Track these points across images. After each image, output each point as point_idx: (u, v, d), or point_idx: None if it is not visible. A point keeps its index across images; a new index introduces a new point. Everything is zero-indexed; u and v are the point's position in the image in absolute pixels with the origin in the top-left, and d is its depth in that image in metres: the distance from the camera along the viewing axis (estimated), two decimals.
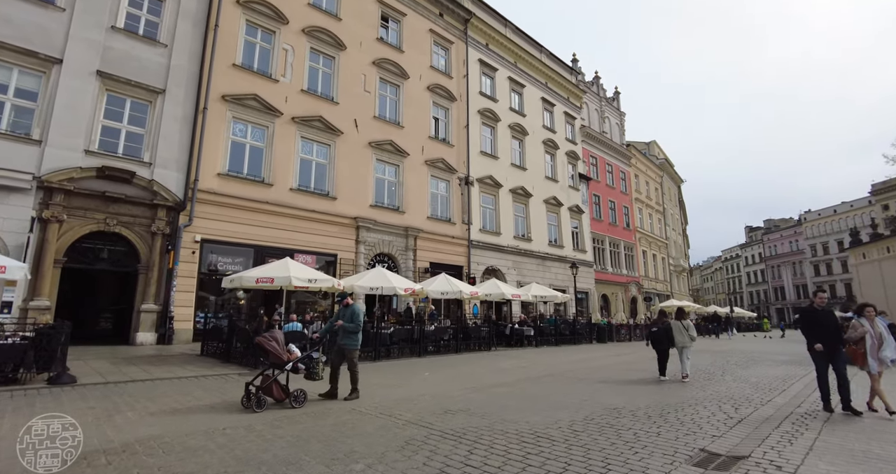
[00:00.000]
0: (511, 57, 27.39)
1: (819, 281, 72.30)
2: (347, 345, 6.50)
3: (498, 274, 23.62)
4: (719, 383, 7.70)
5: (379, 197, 19.14)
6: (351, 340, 6.53)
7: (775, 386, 7.28)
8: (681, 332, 9.12)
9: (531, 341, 16.28)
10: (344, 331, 6.56)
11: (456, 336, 13.09)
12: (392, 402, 5.83)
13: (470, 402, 5.84)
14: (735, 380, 7.94)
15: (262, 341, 5.85)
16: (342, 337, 6.59)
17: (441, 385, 7.25)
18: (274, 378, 5.69)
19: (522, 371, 9.13)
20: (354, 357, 6.55)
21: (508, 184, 25.24)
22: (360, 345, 6.68)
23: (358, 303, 6.88)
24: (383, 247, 18.74)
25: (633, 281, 35.42)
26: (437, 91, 22.24)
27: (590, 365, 10.31)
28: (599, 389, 7.02)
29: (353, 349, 6.52)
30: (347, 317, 6.63)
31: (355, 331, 6.56)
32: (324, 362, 6.30)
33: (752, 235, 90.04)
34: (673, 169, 50.40)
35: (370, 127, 19.20)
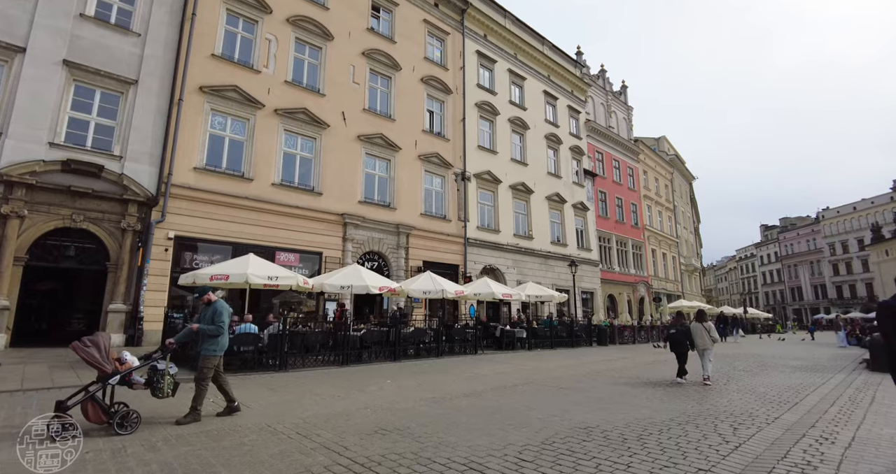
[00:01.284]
0: (511, 49, 26.44)
1: (838, 281, 70.04)
2: (204, 351, 5.34)
3: (496, 273, 22.69)
4: (720, 394, 6.73)
5: (369, 193, 18.33)
6: (209, 345, 5.34)
7: (786, 398, 6.31)
8: (702, 335, 8.94)
9: (524, 344, 15.31)
10: (203, 335, 5.38)
11: (437, 338, 12.20)
12: (321, 418, 4.98)
13: (415, 418, 4.97)
14: (739, 391, 6.95)
15: (76, 347, 4.60)
16: (201, 341, 5.41)
17: (396, 395, 6.39)
18: (91, 394, 4.46)
19: (500, 378, 8.22)
20: (208, 366, 5.30)
21: (508, 180, 24.29)
22: (221, 351, 5.43)
23: (221, 302, 5.59)
24: (373, 245, 17.92)
25: (641, 280, 34.19)
26: (431, 83, 21.39)
27: (578, 372, 9.35)
28: (578, 401, 6.10)
29: (209, 356, 5.32)
30: (208, 318, 5.42)
31: (215, 334, 5.34)
32: (173, 374, 5.01)
33: (767, 234, 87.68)
34: (684, 165, 48.93)
35: (359, 120, 18.42)
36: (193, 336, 5.49)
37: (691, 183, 51.28)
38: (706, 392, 6.79)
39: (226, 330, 5.43)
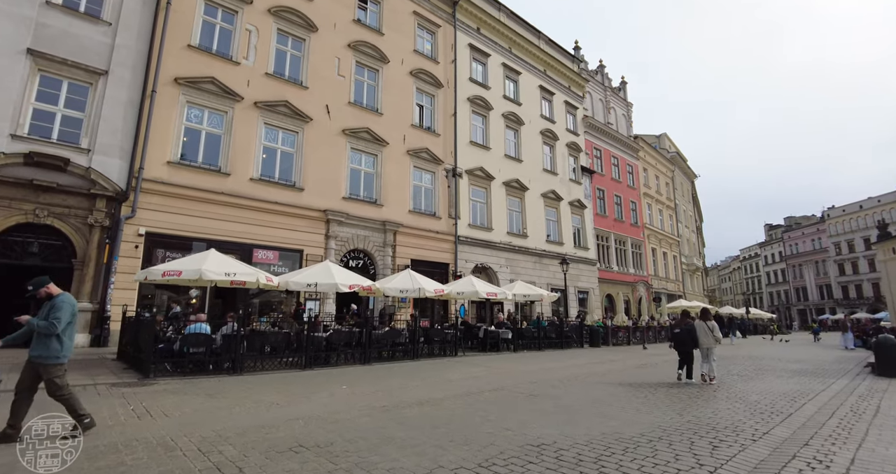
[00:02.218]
0: (505, 42, 25.80)
1: (844, 281, 68.94)
2: (37, 357, 4.25)
3: (489, 272, 22.06)
4: (706, 402, 6.08)
5: (354, 188, 17.74)
6: (43, 350, 4.26)
7: (779, 408, 5.66)
8: (706, 334, 8.92)
9: (510, 345, 14.64)
10: (36, 336, 4.30)
11: (413, 340, 11.56)
12: (238, 431, 4.36)
13: (346, 432, 4.35)
14: (729, 398, 6.29)
15: None
16: (34, 344, 4.32)
17: (344, 403, 5.77)
18: None
19: (469, 383, 7.57)
20: (55, 375, 4.25)
21: (501, 177, 23.65)
22: (63, 358, 4.36)
23: (65, 295, 4.51)
24: (358, 243, 17.33)
25: (640, 280, 33.46)
26: (421, 76, 20.78)
27: (557, 376, 8.68)
28: (544, 410, 5.46)
29: (48, 364, 4.25)
30: (44, 314, 4.35)
31: (49, 333, 4.24)
32: None
33: (772, 233, 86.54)
34: (686, 163, 48.12)
35: (344, 113, 17.84)
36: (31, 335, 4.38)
37: (693, 181, 50.45)
38: (690, 400, 6.13)
39: (63, 328, 4.33)
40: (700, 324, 9.14)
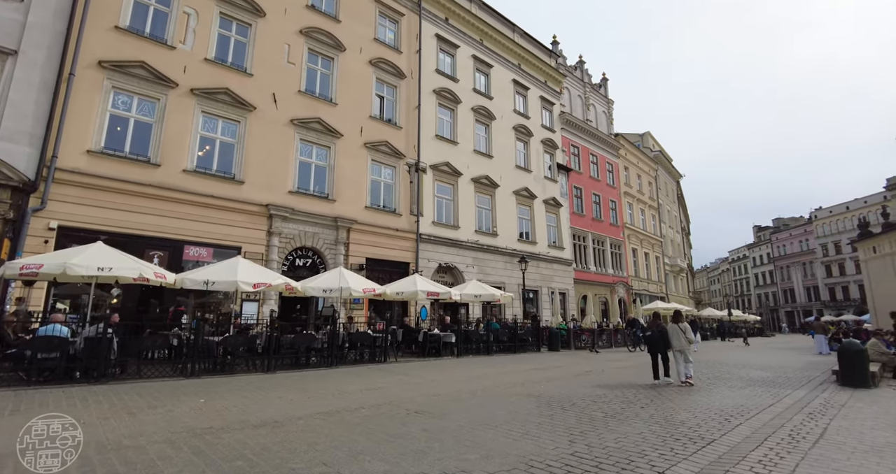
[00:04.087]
0: (476, 34, 24.86)
1: (831, 282, 68.60)
2: None
3: (454, 272, 21.06)
4: (620, 424, 5.01)
5: (303, 182, 16.69)
6: None
7: (705, 430, 4.63)
8: (678, 336, 9.02)
9: (453, 350, 13.58)
10: None
11: (331, 345, 10.48)
12: None
13: (101, 467, 3.37)
14: (653, 417, 5.22)
15: None
16: None
17: (165, 422, 4.73)
18: None
19: (359, 397, 6.43)
20: None
21: (470, 173, 22.67)
22: None
23: None
24: (306, 240, 16.26)
25: (620, 281, 32.57)
26: (381, 66, 19.77)
27: (475, 386, 7.57)
28: (403, 436, 4.41)
29: None
30: None
31: None
32: None
33: (760, 235, 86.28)
34: (671, 163, 47.41)
35: (293, 102, 16.80)
36: None
37: (678, 181, 49.74)
38: (602, 420, 5.08)
39: None
40: (673, 327, 9.24)
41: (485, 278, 22.13)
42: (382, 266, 17.88)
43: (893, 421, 5.29)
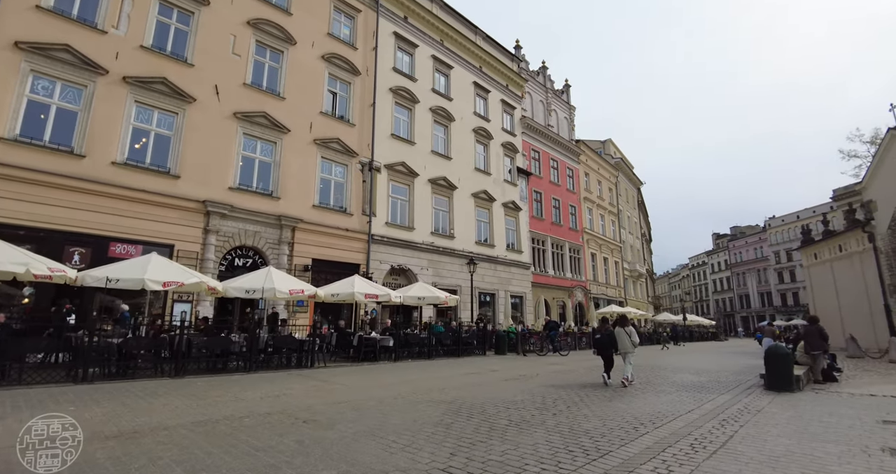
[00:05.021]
0: (437, 34, 24.61)
1: (783, 288, 71.36)
2: None
3: (408, 274, 20.63)
4: (536, 428, 4.80)
5: (245, 178, 15.99)
6: None
7: (606, 442, 4.27)
8: (623, 339, 9.51)
9: (391, 354, 13.14)
10: None
11: (251, 349, 9.90)
12: None
13: None
14: (556, 427, 4.80)
15: None
16: None
17: (9, 435, 4.21)
18: None
19: (255, 404, 5.83)
20: None
21: (427, 174, 22.33)
22: None
23: None
24: (246, 239, 15.56)
25: (578, 285, 32.81)
26: (335, 62, 19.24)
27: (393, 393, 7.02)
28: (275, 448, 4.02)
29: None
30: None
31: None
32: None
33: (718, 242, 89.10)
34: (632, 170, 48.34)
35: (238, 95, 16.10)
36: None
37: (639, 188, 50.76)
38: (503, 430, 4.77)
39: None
40: (619, 331, 9.68)
41: (440, 281, 21.82)
42: (330, 267, 17.29)
43: (801, 428, 5.17)
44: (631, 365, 9.35)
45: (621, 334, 9.56)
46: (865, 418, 5.91)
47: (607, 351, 9.72)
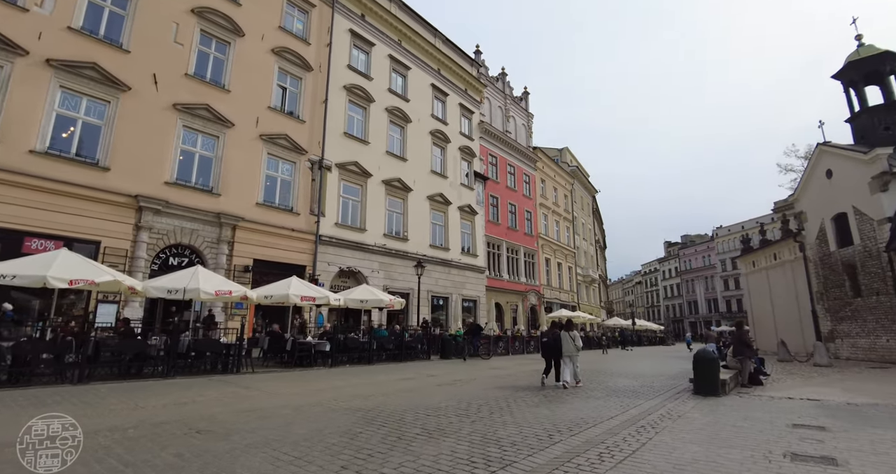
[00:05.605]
0: (395, 34, 24.35)
1: (728, 295, 74.75)
2: None
3: (358, 276, 20.18)
4: (447, 437, 4.64)
5: (183, 173, 15.22)
6: None
7: (536, 442, 4.28)
8: (568, 342, 9.83)
9: (326, 359, 12.72)
10: None
11: (169, 353, 9.26)
12: None
13: None
14: (493, 426, 4.81)
15: None
16: None
17: None
18: None
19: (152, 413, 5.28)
20: None
21: (381, 175, 21.97)
22: None
23: None
24: (182, 237, 14.78)
25: (532, 290, 33.15)
26: (285, 56, 18.66)
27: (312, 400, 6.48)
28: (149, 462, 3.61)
29: None
30: None
31: None
32: None
33: (670, 250, 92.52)
34: (587, 179, 49.47)
35: (178, 86, 15.32)
36: None
37: (594, 196, 51.99)
38: (413, 439, 4.58)
39: None
40: (564, 335, 9.99)
41: (392, 284, 21.51)
42: (274, 268, 16.62)
43: (713, 434, 5.21)
44: (577, 367, 9.85)
45: (566, 338, 9.90)
46: (778, 422, 6.04)
47: (552, 354, 10.03)
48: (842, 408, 7.44)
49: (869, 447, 4.86)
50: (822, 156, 19.65)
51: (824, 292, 19.98)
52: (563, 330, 10.21)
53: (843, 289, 18.79)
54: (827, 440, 5.13)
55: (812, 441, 5.07)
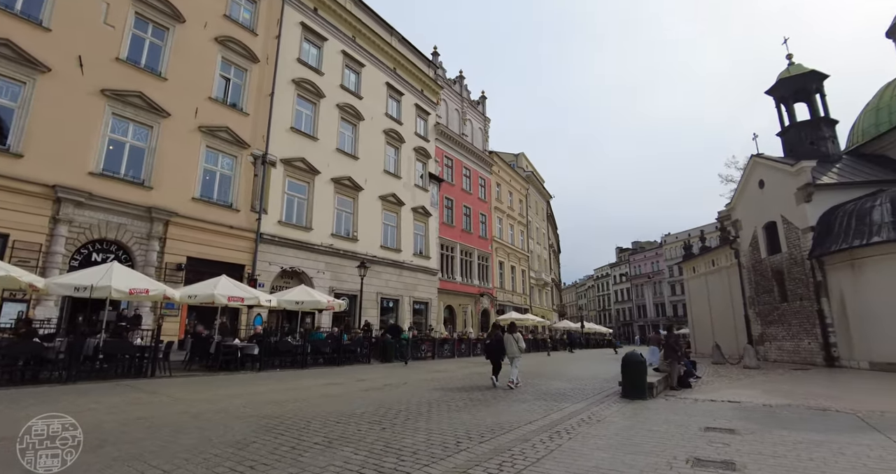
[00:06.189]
0: (349, 30, 23.88)
1: (675, 300, 77.80)
2: None
3: (302, 277, 19.53)
4: (345, 446, 4.34)
5: (112, 164, 14.27)
6: None
7: (438, 451, 4.08)
8: (511, 344, 10.09)
9: (255, 362, 12.15)
10: None
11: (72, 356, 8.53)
12: None
13: None
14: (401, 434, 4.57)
15: None
16: None
17: None
18: None
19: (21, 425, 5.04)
20: None
21: (330, 172, 21.43)
22: None
23: None
24: (108, 232, 13.84)
25: (485, 292, 33.26)
26: (230, 46, 17.90)
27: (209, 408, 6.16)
28: None
29: None
30: None
31: None
32: None
33: (621, 256, 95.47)
34: (542, 184, 50.28)
35: (108, 70, 14.36)
36: None
37: (549, 201, 52.92)
38: (308, 448, 4.28)
39: None
40: (507, 336, 10.22)
41: (339, 285, 21.00)
42: (210, 267, 15.74)
43: (625, 439, 5.18)
44: (517, 369, 10.07)
45: (509, 340, 10.14)
46: (692, 426, 6.10)
47: (496, 355, 10.32)
48: (757, 410, 7.66)
49: (770, 450, 4.94)
50: (756, 168, 20.68)
51: (756, 297, 20.98)
52: (506, 332, 10.45)
53: (772, 295, 19.78)
54: (734, 443, 5.19)
55: (719, 444, 5.11)
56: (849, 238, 15.80)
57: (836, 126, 21.30)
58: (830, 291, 16.64)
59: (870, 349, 15.10)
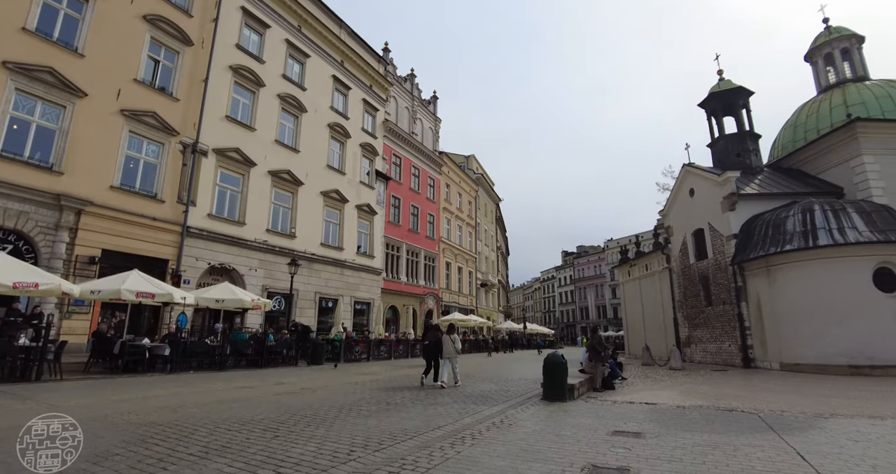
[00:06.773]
0: (294, 19, 23.06)
1: (616, 302, 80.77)
2: None
3: (233, 275, 18.60)
4: (229, 456, 4.03)
5: (13, 145, 12.97)
6: None
7: (327, 461, 3.82)
8: (448, 345, 10.46)
9: (166, 364, 11.42)
10: None
11: None
12: None
13: None
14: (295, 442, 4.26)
15: None
16: None
17: None
18: None
19: None
20: None
21: (268, 165, 20.57)
22: None
23: None
24: (6, 220, 12.57)
25: (431, 293, 33.12)
26: (160, 25, 16.78)
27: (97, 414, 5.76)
28: None
29: None
30: None
31: None
32: None
33: (567, 259, 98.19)
34: (492, 187, 50.79)
35: (13, 42, 13.08)
36: None
37: (498, 204, 53.54)
38: (187, 458, 3.95)
39: None
40: (446, 338, 10.62)
41: (273, 284, 20.19)
42: (128, 261, 14.62)
43: (529, 445, 5.07)
44: (457, 369, 10.48)
45: (447, 341, 10.51)
46: (601, 429, 6.11)
47: (433, 356, 10.74)
48: (669, 412, 7.84)
49: (668, 454, 4.98)
50: (687, 177, 21.68)
51: (684, 301, 21.97)
52: (445, 333, 10.86)
53: (699, 299, 20.77)
54: (636, 447, 5.20)
55: (622, 449, 5.11)
56: (766, 246, 16.80)
57: (760, 140, 22.72)
58: (749, 296, 17.63)
59: (780, 351, 16.09)
